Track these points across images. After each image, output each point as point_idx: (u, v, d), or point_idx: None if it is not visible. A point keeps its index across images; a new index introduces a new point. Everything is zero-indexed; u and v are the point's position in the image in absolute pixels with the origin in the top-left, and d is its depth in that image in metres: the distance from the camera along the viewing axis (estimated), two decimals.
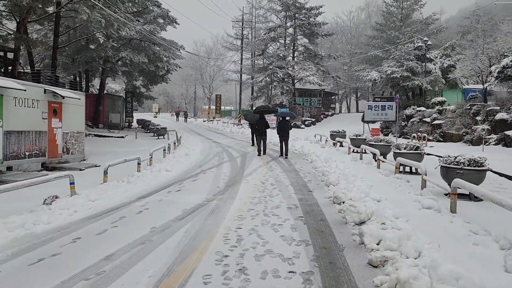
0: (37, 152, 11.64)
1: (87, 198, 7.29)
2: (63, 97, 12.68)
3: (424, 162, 9.75)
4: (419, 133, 19.44)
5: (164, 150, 14.58)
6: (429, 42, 24.41)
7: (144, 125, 32.32)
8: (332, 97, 52.68)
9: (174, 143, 17.72)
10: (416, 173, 10.29)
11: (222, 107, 57.58)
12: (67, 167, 12.15)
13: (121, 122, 32.53)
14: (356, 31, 53.85)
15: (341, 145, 17.89)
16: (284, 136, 14.66)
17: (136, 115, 57.35)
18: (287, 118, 15.96)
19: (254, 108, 21.35)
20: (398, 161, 9.74)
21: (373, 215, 5.57)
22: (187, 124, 44.56)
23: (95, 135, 24.51)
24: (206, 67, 63.35)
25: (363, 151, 13.56)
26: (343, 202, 6.76)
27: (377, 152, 11.57)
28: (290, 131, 15.06)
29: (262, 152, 15.18)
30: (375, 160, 12.38)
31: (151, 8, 29.02)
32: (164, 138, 25.00)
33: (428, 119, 21.55)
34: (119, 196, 7.87)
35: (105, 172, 9.15)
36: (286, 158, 14.38)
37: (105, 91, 44.64)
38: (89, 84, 33.33)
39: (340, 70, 50.07)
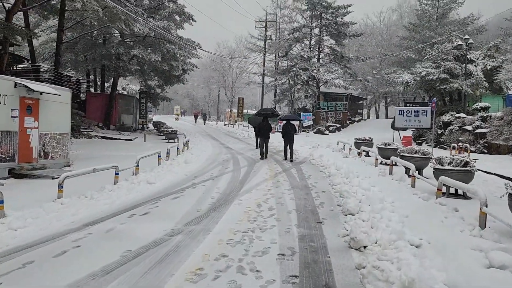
0: (3, 156, 9.88)
1: (8, 226, 5.32)
2: (41, 93, 10.93)
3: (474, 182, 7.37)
4: (459, 143, 16.74)
5: (159, 156, 12.63)
6: (470, 41, 21.57)
7: (158, 128, 30.71)
8: (360, 102, 49.79)
9: (178, 148, 15.79)
10: (464, 196, 7.88)
11: (245, 111, 55.63)
12: (39, 175, 10.35)
13: (134, 123, 31.04)
14: (387, 33, 50.77)
15: (367, 155, 15.48)
16: (288, 140, 14.45)
17: (158, 117, 56.54)
18: (292, 121, 15.55)
19: (257, 111, 19.78)
20: (441, 181, 7.35)
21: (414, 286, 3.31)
22: (205, 127, 42.80)
23: (102, 137, 22.98)
24: (228, 69, 61.60)
25: (393, 164, 11.18)
26: (365, 248, 4.53)
27: (412, 166, 9.18)
28: (295, 134, 14.81)
29: (264, 156, 14.93)
30: (409, 176, 10.02)
31: (167, 3, 27.47)
32: (174, 141, 23.18)
33: (469, 127, 18.78)
34: (62, 220, 5.92)
35: (60, 186, 7.21)
36: (291, 161, 14.14)
37: (125, 92, 43.79)
38: (104, 83, 32.06)
39: (369, 73, 47.22)
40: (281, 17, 45.49)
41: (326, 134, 31.90)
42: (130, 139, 23.37)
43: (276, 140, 21.50)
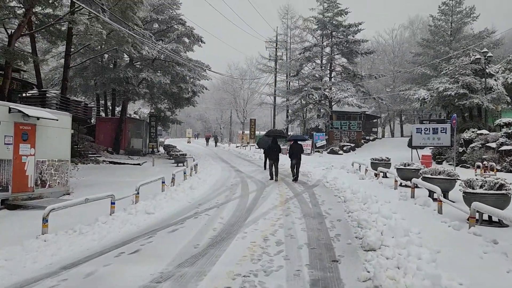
0: None
1: None
2: (38, 118, 10.41)
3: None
4: (484, 162, 15.62)
5: (163, 182, 11.92)
6: (489, 54, 20.65)
7: (168, 151, 30.18)
8: (374, 121, 48.70)
9: (184, 173, 15.08)
10: (500, 223, 6.91)
11: (257, 132, 54.98)
12: (34, 205, 9.70)
13: (144, 147, 30.59)
14: (400, 50, 49.97)
15: (385, 176, 14.52)
16: (295, 160, 14.45)
17: (170, 141, 56.25)
18: (299, 141, 15.59)
19: (265, 132, 19.30)
20: (475, 208, 6.42)
21: None
22: (217, 149, 42.17)
23: (110, 162, 22.50)
24: (240, 90, 61.34)
25: (415, 186, 10.23)
26: None
27: (437, 190, 8.25)
28: (302, 154, 14.84)
29: (274, 178, 14.73)
30: (433, 200, 9.08)
31: (176, 26, 27.37)
32: (183, 165, 22.50)
33: (493, 144, 17.68)
34: (40, 262, 5.18)
35: (44, 220, 6.50)
36: (296, 181, 14.26)
37: (137, 116, 43.68)
38: (115, 107, 31.88)
39: (382, 91, 46.30)
40: (292, 37, 45.31)
41: (340, 154, 30.91)
42: (139, 164, 22.80)
43: (287, 161, 20.66)
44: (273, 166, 14.79)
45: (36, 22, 19.00)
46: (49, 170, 11.08)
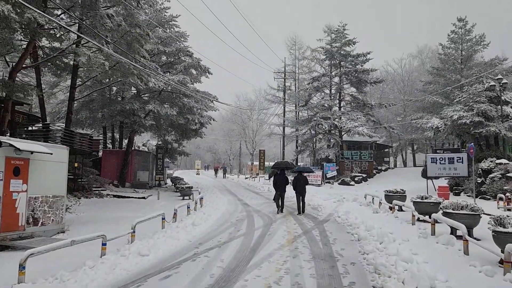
0: None
1: None
2: (32, 152, 9.91)
3: None
4: (507, 194, 14.61)
5: (163, 219, 11.20)
6: (504, 80, 19.97)
7: (175, 184, 29.53)
8: (386, 150, 47.71)
9: (188, 207, 14.36)
10: None
11: (267, 163, 54.27)
12: (23, 246, 9.01)
13: (151, 180, 30.02)
14: (409, 79, 49.54)
15: (400, 209, 13.63)
16: (300, 192, 14.30)
17: (179, 172, 55.74)
18: (304, 173, 15.59)
19: (273, 164, 19.00)
20: (509, 250, 5.58)
21: None
22: (225, 181, 41.44)
23: (114, 196, 21.88)
24: (248, 121, 61.18)
25: (435, 221, 9.36)
26: None
27: (463, 228, 7.39)
28: (307, 185, 14.75)
29: (281, 210, 14.57)
30: (456, 237, 8.26)
31: (183, 58, 27.35)
32: (189, 198, 21.79)
33: None
34: None
35: (21, 267, 5.81)
36: (302, 214, 14.06)
37: (146, 148, 43.45)
38: (122, 139, 31.61)
39: (393, 120, 45.60)
40: (300, 68, 45.26)
41: (351, 185, 29.94)
42: (144, 197, 22.14)
43: (293, 193, 19.86)
44: (280, 198, 14.64)
45: (42, 56, 19.02)
46: (43, 207, 10.46)
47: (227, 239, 9.36)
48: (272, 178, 19.63)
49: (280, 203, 14.64)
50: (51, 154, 10.30)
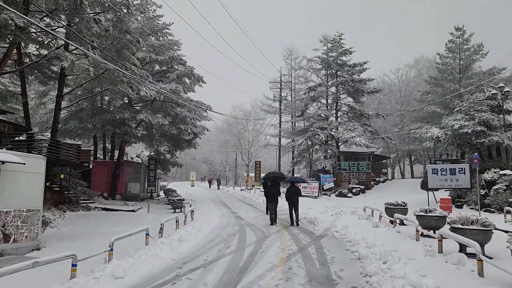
0: None
1: None
2: (2, 163, 9.09)
3: None
4: None
5: (147, 234, 10.34)
6: (506, 89, 19.35)
7: (167, 196, 28.62)
8: (383, 161, 46.98)
9: (177, 221, 13.50)
10: None
11: (262, 174, 53.40)
12: None
13: (142, 192, 29.08)
14: (406, 89, 49.11)
15: (402, 223, 12.84)
16: (293, 203, 13.99)
17: (173, 184, 54.71)
18: (296, 183, 15.50)
19: (264, 175, 18.47)
20: None
21: None
22: (220, 192, 40.50)
23: (103, 209, 20.97)
24: (244, 132, 60.45)
25: (442, 237, 8.56)
26: None
27: (476, 246, 6.60)
28: (299, 197, 14.33)
29: (274, 222, 14.18)
30: (466, 255, 7.49)
31: (176, 66, 26.68)
32: (181, 211, 20.90)
33: None
34: None
35: None
36: (296, 226, 13.68)
37: (140, 159, 42.51)
38: (114, 150, 30.72)
39: (390, 131, 44.99)
40: (296, 78, 44.80)
41: (349, 197, 29.09)
42: (133, 210, 21.24)
43: (285, 204, 19.02)
44: (273, 210, 14.40)
45: (28, 63, 18.30)
46: (15, 222, 9.60)
47: (215, 258, 8.51)
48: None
49: (273, 215, 14.34)
50: (24, 164, 9.47)
